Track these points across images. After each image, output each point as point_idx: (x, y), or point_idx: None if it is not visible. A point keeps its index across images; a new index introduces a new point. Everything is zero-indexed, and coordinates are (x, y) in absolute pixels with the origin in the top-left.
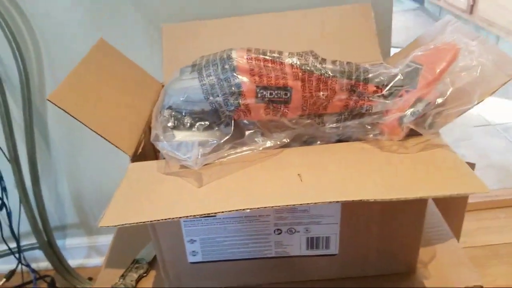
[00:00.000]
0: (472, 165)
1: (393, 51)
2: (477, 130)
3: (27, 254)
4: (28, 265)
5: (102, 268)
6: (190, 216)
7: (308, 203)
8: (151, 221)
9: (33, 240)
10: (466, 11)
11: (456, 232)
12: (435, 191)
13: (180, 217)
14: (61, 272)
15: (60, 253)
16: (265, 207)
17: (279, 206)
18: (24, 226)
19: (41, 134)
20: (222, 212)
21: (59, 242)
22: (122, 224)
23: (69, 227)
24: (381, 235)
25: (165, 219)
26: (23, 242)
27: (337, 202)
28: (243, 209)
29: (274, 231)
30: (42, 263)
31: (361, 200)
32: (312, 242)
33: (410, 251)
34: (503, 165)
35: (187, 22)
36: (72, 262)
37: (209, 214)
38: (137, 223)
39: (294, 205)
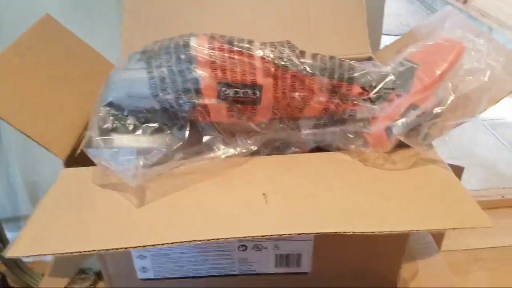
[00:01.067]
0: (461, 169)
1: (383, 38)
2: (463, 126)
3: None
4: None
5: (45, 277)
6: (120, 248)
7: (271, 235)
8: (70, 252)
9: None
10: (460, 0)
11: (438, 238)
12: (425, 224)
13: (107, 250)
14: (12, 269)
15: None
16: (217, 239)
17: (234, 238)
18: None
19: None
20: (162, 244)
21: (12, 235)
22: (36, 255)
23: (23, 218)
24: (359, 252)
25: (88, 252)
26: None
27: (308, 234)
28: (189, 241)
29: (238, 247)
30: None
31: (336, 233)
32: (282, 260)
33: (391, 269)
34: (490, 163)
35: None
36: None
37: (144, 246)
38: (54, 254)
39: (253, 237)
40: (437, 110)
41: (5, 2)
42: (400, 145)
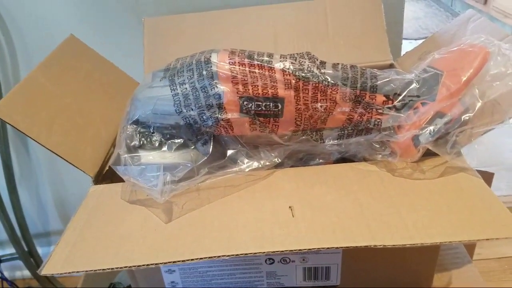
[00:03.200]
0: (490, 175)
1: (402, 43)
2: (492, 130)
3: (9, 263)
4: (5, 278)
5: None
6: (150, 264)
7: (300, 249)
8: (102, 269)
9: (13, 250)
10: (480, 1)
11: (470, 247)
12: (457, 235)
13: (137, 266)
14: (43, 283)
15: (42, 262)
16: (245, 254)
17: (263, 252)
18: (2, 234)
19: (18, 136)
20: (191, 260)
21: (43, 250)
22: (69, 272)
23: (52, 233)
24: (390, 264)
25: (118, 268)
26: (3, 252)
27: (337, 248)
28: (218, 256)
29: (266, 260)
30: (26, 271)
31: (367, 246)
32: (310, 273)
33: (422, 280)
34: None
35: (172, 16)
36: None
37: (173, 261)
38: (86, 271)
39: (282, 251)
40: (465, 117)
41: (30, 23)
42: (428, 154)
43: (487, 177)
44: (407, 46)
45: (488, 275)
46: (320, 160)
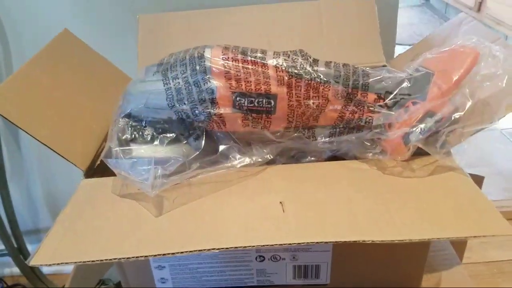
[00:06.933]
0: (481, 179)
1: (396, 48)
2: (482, 135)
3: None
4: None
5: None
6: (140, 257)
7: (289, 244)
8: (91, 261)
9: (2, 246)
10: (473, 8)
11: (460, 250)
12: (446, 232)
13: (127, 258)
14: (33, 280)
15: None
16: (235, 248)
17: (252, 246)
18: None
19: (9, 131)
20: (181, 252)
21: (33, 247)
22: (58, 263)
23: (43, 231)
24: (379, 263)
25: (108, 260)
26: None
27: (326, 243)
28: (207, 250)
29: (256, 258)
30: (16, 268)
31: (355, 241)
32: (300, 271)
33: (412, 280)
34: (510, 173)
35: (167, 13)
36: (48, 268)
37: (163, 254)
38: (75, 262)
39: (272, 245)
40: (455, 115)
41: (25, 17)
42: (419, 154)
43: (478, 180)
44: (400, 52)
45: (477, 279)
46: (312, 158)
